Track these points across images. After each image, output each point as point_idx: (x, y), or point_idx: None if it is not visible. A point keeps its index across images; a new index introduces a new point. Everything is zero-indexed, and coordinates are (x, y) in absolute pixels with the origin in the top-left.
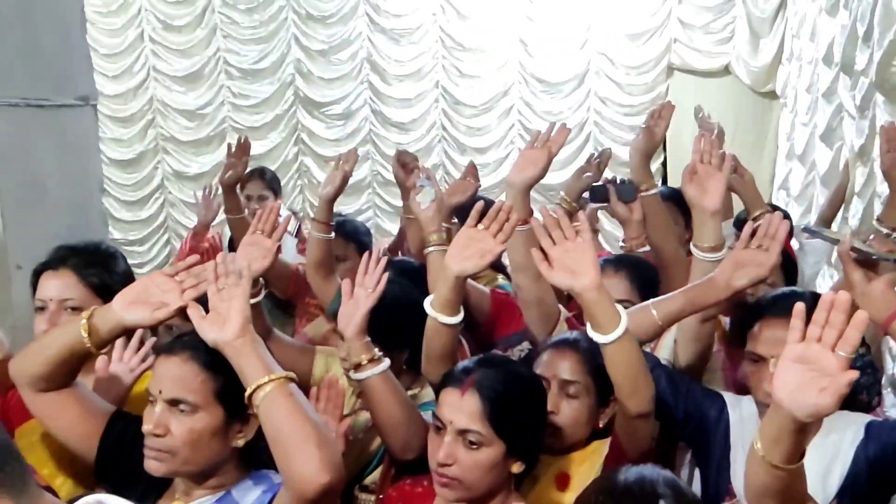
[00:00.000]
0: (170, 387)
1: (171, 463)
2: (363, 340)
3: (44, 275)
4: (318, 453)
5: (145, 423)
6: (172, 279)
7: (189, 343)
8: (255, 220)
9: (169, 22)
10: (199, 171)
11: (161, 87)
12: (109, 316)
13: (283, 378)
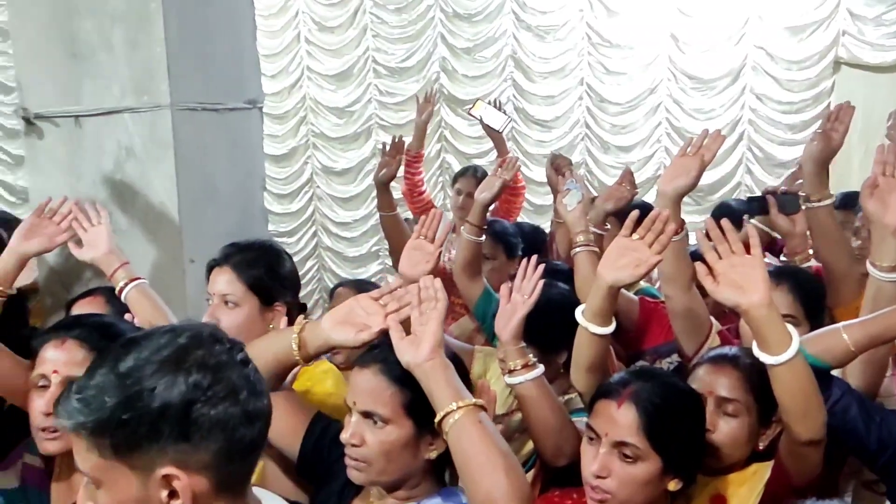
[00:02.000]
0: (363, 399)
1: (368, 473)
2: (518, 345)
3: (213, 271)
4: (507, 483)
5: (344, 432)
6: (377, 302)
7: (380, 356)
8: (419, 224)
9: (323, 23)
10: (345, 167)
11: (313, 86)
12: (318, 332)
13: (472, 405)
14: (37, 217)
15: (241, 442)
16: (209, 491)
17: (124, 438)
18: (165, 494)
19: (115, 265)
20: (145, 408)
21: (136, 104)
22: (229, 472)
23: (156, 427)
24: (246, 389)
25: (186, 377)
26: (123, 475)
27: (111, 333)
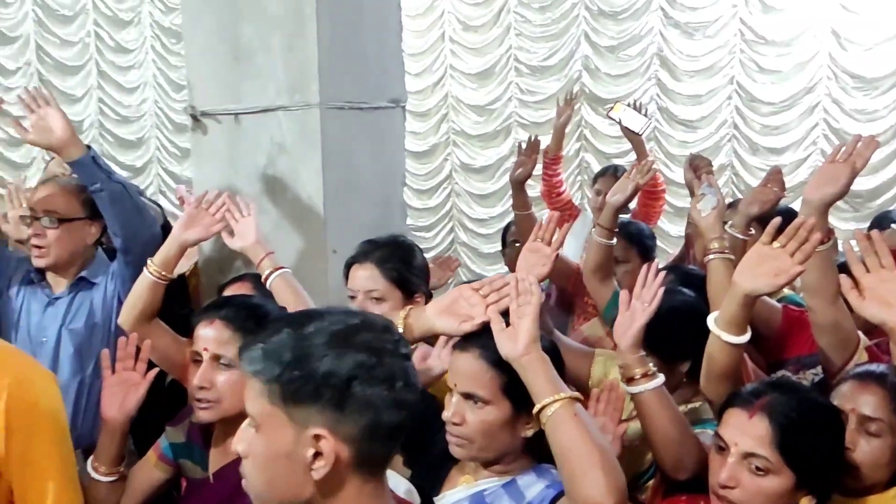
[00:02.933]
0: (463, 381)
1: (469, 449)
2: (638, 354)
3: (353, 267)
4: (603, 477)
5: (446, 411)
6: (478, 294)
7: (479, 341)
8: (535, 227)
9: (468, 22)
10: (484, 164)
11: (455, 84)
12: (423, 319)
13: (569, 398)
14: (195, 208)
15: (386, 424)
16: (349, 462)
17: (291, 391)
18: (311, 453)
19: (261, 254)
20: (314, 370)
21: (288, 103)
22: (370, 450)
23: (318, 390)
24: (402, 380)
25: (355, 355)
26: (282, 424)
27: (257, 314)
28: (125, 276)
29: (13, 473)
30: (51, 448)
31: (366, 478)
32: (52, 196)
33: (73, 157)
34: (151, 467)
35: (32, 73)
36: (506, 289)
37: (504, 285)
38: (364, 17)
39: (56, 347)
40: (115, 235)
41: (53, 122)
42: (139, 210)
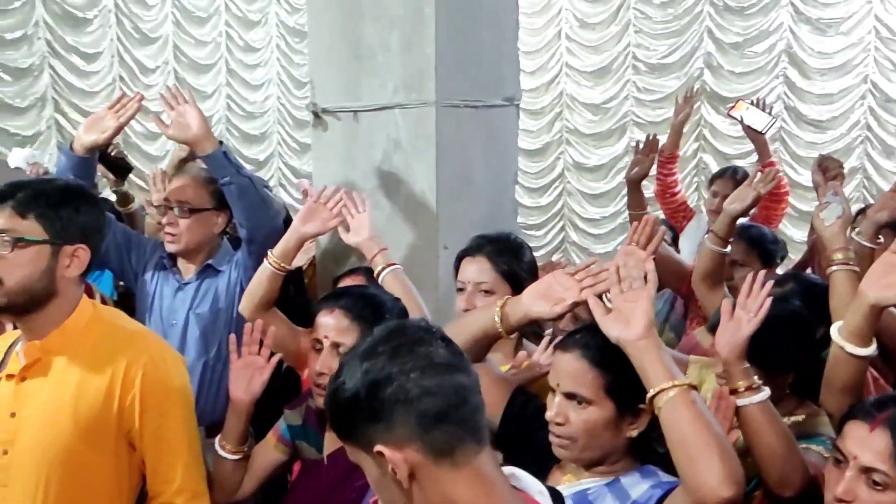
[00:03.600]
0: (566, 381)
1: (572, 450)
2: (742, 366)
3: (464, 260)
4: (721, 466)
5: (548, 411)
6: (573, 278)
7: (581, 340)
8: (631, 229)
9: (585, 20)
10: (597, 164)
11: (570, 82)
12: (519, 307)
13: (687, 385)
14: (314, 203)
15: (431, 412)
16: (422, 460)
17: (339, 428)
18: (390, 468)
19: (374, 250)
20: (340, 399)
21: (405, 101)
22: (434, 441)
23: (351, 413)
24: (418, 368)
25: (363, 366)
26: (361, 455)
27: (373, 304)
28: (248, 266)
29: (146, 447)
30: (180, 425)
31: (454, 467)
32: (184, 187)
33: (206, 152)
34: (271, 448)
35: (169, 72)
36: (603, 274)
37: (601, 270)
38: (482, 16)
39: (184, 330)
40: (241, 226)
41: (191, 118)
42: (264, 202)
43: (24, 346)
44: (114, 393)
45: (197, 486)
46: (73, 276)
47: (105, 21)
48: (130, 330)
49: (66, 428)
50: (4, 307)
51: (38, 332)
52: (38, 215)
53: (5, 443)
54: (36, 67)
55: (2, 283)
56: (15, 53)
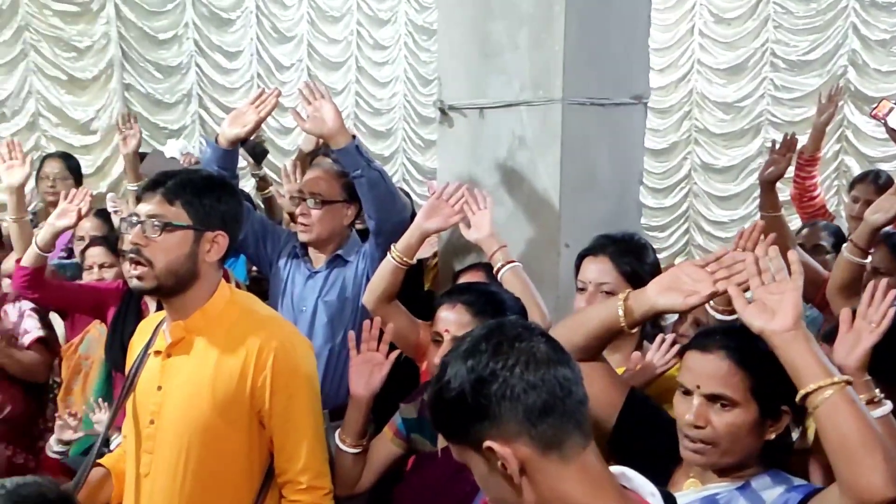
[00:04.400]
0: (708, 383)
1: (710, 455)
2: (863, 378)
3: (585, 259)
4: (885, 465)
5: (685, 414)
6: (703, 269)
7: (722, 341)
8: (736, 237)
9: (721, 15)
10: (727, 164)
11: (702, 80)
12: (644, 300)
13: (843, 382)
14: (436, 199)
15: (536, 407)
16: (532, 454)
17: (448, 427)
18: (500, 464)
19: (494, 247)
20: (446, 399)
21: (532, 98)
22: (541, 435)
23: (458, 411)
24: (521, 364)
25: (464, 365)
26: (469, 454)
27: (494, 301)
28: (375, 257)
29: (274, 427)
30: (306, 407)
31: (563, 461)
32: (317, 180)
33: (340, 145)
34: (388, 442)
35: (303, 69)
36: (738, 265)
37: (735, 262)
38: (613, 13)
39: (313, 316)
40: (370, 218)
41: (326, 112)
42: (392, 195)
43: (170, 326)
44: (247, 373)
45: (320, 466)
46: (213, 260)
47: (247, 21)
48: (264, 315)
49: (205, 402)
50: (154, 288)
51: (182, 313)
52: (184, 202)
53: (153, 413)
54: (184, 65)
55: (151, 264)
56: (166, 53)
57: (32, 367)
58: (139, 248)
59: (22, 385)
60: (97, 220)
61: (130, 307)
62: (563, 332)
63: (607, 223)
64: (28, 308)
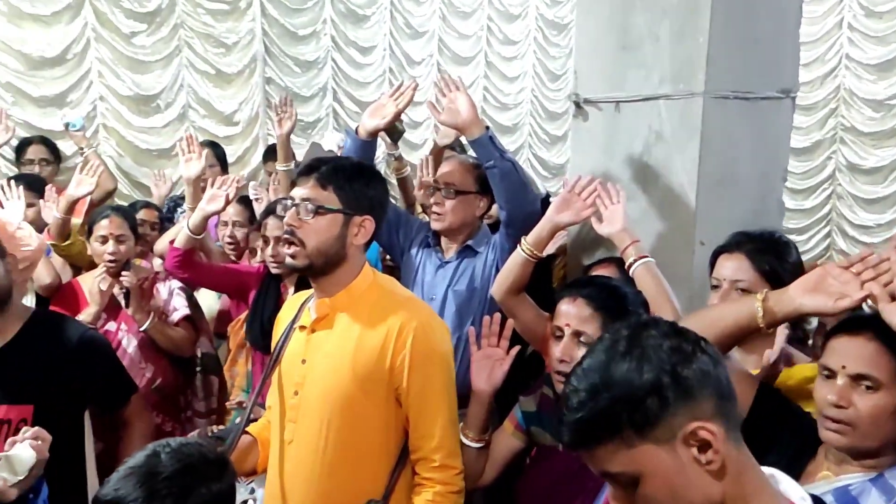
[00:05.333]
0: (856, 363)
1: (850, 437)
2: None
3: (721, 256)
4: None
5: (827, 395)
6: (849, 271)
7: (871, 324)
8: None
9: (871, 8)
10: (875, 165)
11: (850, 76)
12: (787, 300)
13: None
14: (568, 193)
15: (724, 382)
16: (723, 435)
17: (642, 424)
18: (696, 451)
19: (627, 242)
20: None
21: (671, 92)
22: (728, 414)
23: (661, 401)
24: (701, 340)
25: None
26: (653, 454)
27: (616, 295)
28: (505, 248)
29: (410, 405)
30: (441, 387)
31: (737, 445)
32: (452, 171)
33: (474, 136)
34: (509, 436)
35: (433, 64)
36: (884, 264)
37: (882, 261)
38: (761, 3)
39: (442, 305)
40: (501, 209)
41: (461, 104)
42: (524, 187)
43: (316, 303)
44: (387, 351)
45: (453, 445)
46: (359, 243)
47: (381, 17)
48: (404, 296)
49: (346, 376)
50: (305, 267)
51: (328, 291)
52: (336, 187)
53: (297, 385)
54: (321, 61)
55: (304, 245)
56: (305, 48)
57: (180, 343)
58: (293, 230)
59: (170, 359)
60: (239, 207)
61: (270, 290)
62: (693, 328)
63: (746, 223)
64: (177, 287)
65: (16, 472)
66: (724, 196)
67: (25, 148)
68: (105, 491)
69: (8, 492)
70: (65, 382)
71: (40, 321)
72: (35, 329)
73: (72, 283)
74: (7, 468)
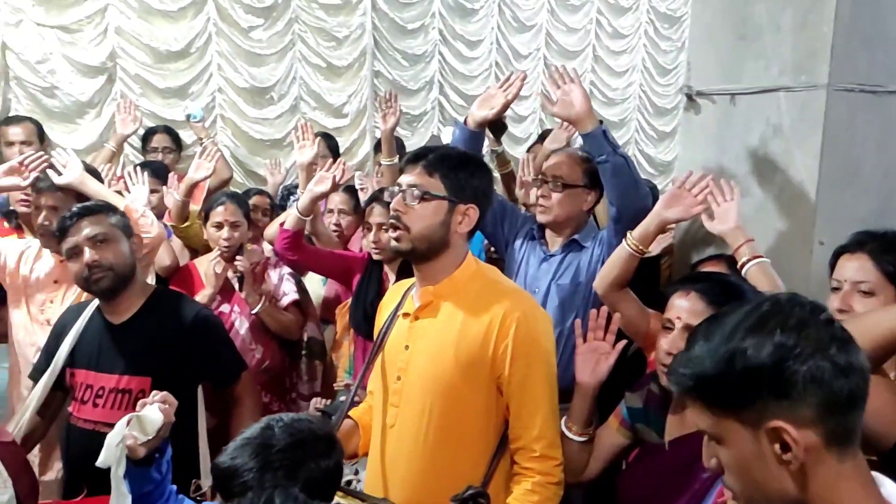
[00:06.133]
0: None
1: None
2: None
3: (842, 256)
4: None
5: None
6: None
7: None
8: None
9: None
10: None
11: None
12: None
13: None
14: (678, 188)
15: (839, 394)
16: (818, 445)
17: (727, 397)
18: (777, 447)
19: (740, 240)
20: (740, 368)
21: (791, 84)
22: (834, 426)
23: (753, 384)
24: (834, 345)
25: (771, 338)
26: (736, 430)
27: (732, 290)
28: (613, 244)
29: (511, 394)
30: (543, 378)
31: (840, 456)
32: (560, 163)
33: (587, 129)
34: (613, 432)
35: (539, 59)
36: None
37: None
38: None
39: (545, 298)
40: (611, 204)
41: (576, 97)
42: (636, 183)
43: (419, 291)
44: (490, 339)
45: (554, 436)
46: (463, 231)
47: (489, 11)
48: (507, 286)
49: (448, 363)
50: (408, 251)
51: (431, 279)
52: (442, 175)
53: (400, 370)
54: (428, 54)
55: (408, 229)
56: (413, 42)
57: (289, 326)
58: (399, 215)
59: (279, 341)
60: (345, 195)
61: (373, 276)
62: None
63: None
64: (287, 272)
65: (145, 432)
66: (846, 194)
67: (150, 136)
68: (222, 458)
69: (138, 449)
70: (180, 357)
71: (160, 299)
72: (155, 306)
73: (188, 266)
74: (138, 427)
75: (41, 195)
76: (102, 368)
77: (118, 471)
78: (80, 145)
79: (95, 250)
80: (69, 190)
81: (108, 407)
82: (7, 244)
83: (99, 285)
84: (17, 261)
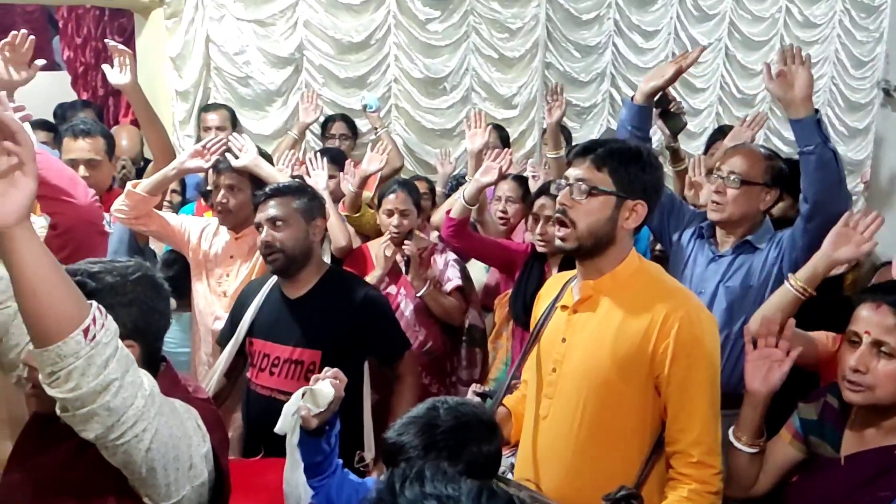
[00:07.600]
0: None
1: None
2: None
3: None
4: None
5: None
6: None
7: None
8: None
9: None
10: None
11: None
12: None
13: None
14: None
15: None
16: None
17: None
18: None
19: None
20: None
21: None
22: None
23: None
24: None
25: None
26: None
27: None
28: (797, 245)
29: (670, 395)
30: (705, 381)
31: None
32: (740, 159)
33: (800, 115)
34: (786, 444)
35: (720, 49)
36: None
37: None
38: None
39: (711, 300)
40: (804, 201)
41: (799, 78)
42: (840, 183)
43: (580, 284)
44: (650, 338)
45: (713, 443)
46: (629, 227)
47: (668, 0)
48: (671, 285)
49: (604, 359)
50: (574, 248)
51: (593, 274)
52: (610, 170)
53: (555, 362)
54: (601, 45)
55: (575, 225)
56: (587, 33)
57: (451, 311)
58: (565, 209)
59: (441, 326)
60: (513, 183)
61: (534, 268)
62: None
63: None
64: (452, 258)
65: (318, 405)
66: None
67: (330, 124)
68: (390, 434)
69: (310, 420)
70: (349, 333)
71: (334, 277)
72: (329, 283)
73: (362, 248)
74: (311, 400)
75: (220, 175)
76: (278, 339)
77: (292, 438)
78: (266, 131)
79: (273, 230)
80: (244, 171)
81: (282, 376)
82: (191, 222)
83: (272, 264)
84: (198, 237)
